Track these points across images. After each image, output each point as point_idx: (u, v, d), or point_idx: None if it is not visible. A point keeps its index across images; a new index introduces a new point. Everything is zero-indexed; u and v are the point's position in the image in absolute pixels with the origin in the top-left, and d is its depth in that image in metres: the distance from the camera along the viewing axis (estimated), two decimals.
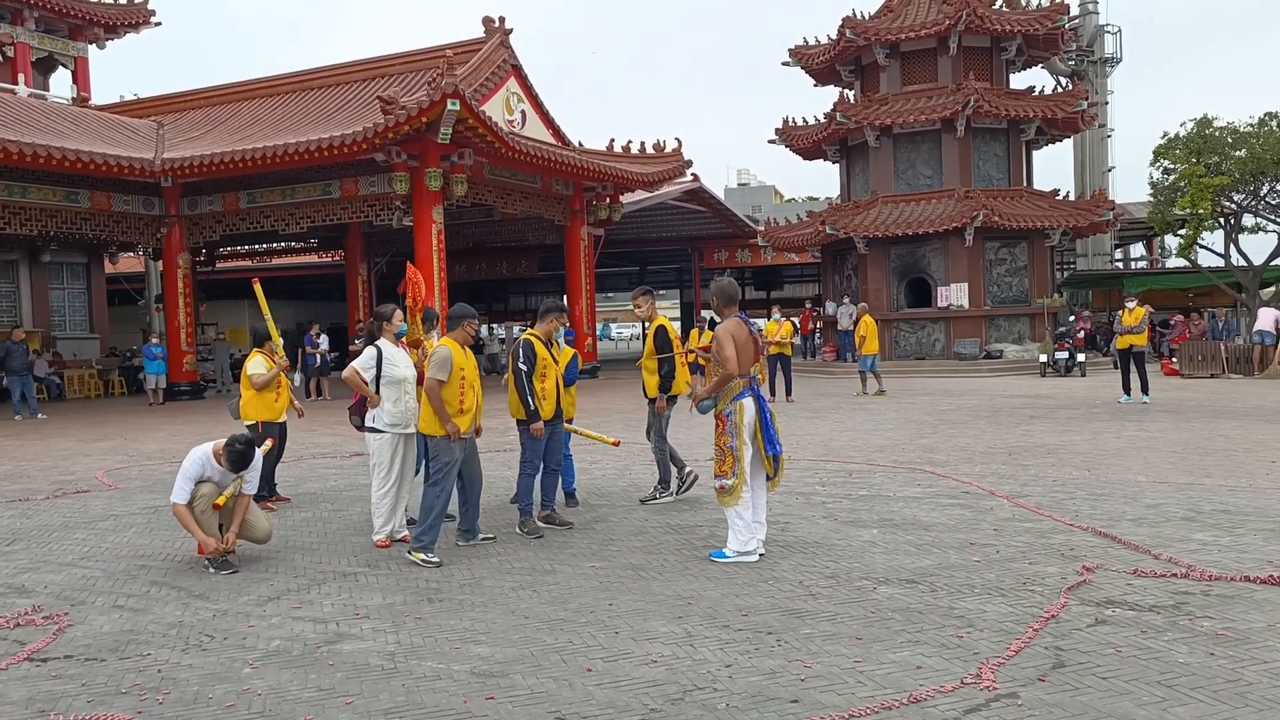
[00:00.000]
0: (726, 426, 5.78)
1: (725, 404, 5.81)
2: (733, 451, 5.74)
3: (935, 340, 24.67)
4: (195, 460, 6.04)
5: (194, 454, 6.09)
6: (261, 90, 24.69)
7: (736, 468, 5.72)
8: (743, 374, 5.80)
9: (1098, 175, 33.10)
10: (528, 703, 3.74)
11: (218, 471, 6.01)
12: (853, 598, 4.98)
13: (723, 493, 5.78)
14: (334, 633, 4.65)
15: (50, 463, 11.53)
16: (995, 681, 3.78)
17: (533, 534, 6.59)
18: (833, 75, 27.53)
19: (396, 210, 19.82)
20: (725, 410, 5.80)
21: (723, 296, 6.04)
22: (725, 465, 5.76)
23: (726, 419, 5.79)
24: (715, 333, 5.92)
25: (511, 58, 21.90)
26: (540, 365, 6.66)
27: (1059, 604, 4.72)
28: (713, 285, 6.13)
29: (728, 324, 5.87)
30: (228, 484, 6.05)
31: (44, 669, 4.26)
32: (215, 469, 6.01)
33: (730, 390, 5.80)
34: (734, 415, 5.76)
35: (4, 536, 7.21)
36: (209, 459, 6.02)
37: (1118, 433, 11.27)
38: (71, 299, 29.23)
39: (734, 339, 5.76)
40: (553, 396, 6.75)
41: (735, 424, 5.75)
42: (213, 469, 6.02)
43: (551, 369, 6.75)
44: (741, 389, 5.81)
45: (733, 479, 5.71)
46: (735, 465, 5.73)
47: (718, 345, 5.80)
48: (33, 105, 22.66)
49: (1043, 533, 6.27)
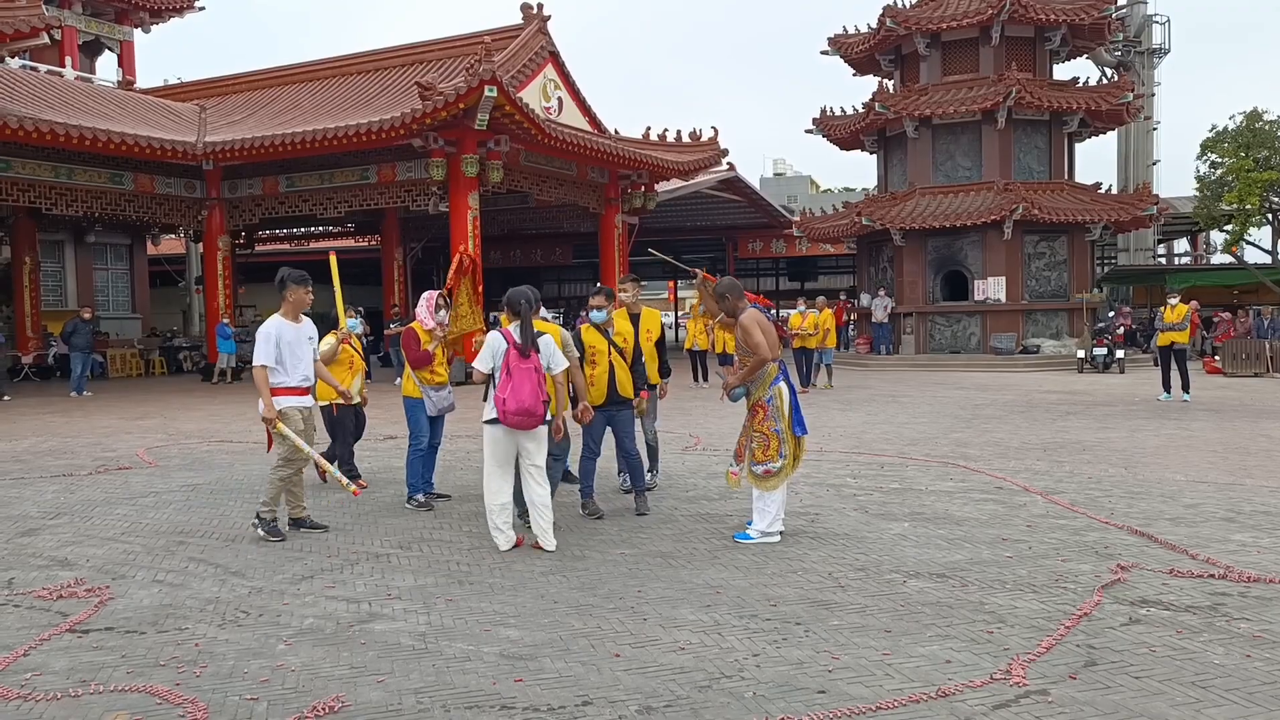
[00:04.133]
0: (769, 412, 5.91)
1: (764, 390, 5.92)
2: (778, 435, 5.88)
3: (971, 334, 24.41)
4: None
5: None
6: (301, 75, 24.91)
7: (783, 449, 5.86)
8: (775, 359, 5.92)
9: (1142, 168, 32.48)
10: (555, 685, 3.77)
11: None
12: (882, 590, 4.96)
13: (767, 477, 5.86)
14: (366, 612, 4.72)
15: (93, 439, 11.78)
16: (1025, 678, 3.75)
17: (593, 515, 6.74)
18: (872, 65, 27.24)
19: (433, 196, 19.95)
20: (765, 397, 5.91)
21: (735, 291, 6.13)
22: (771, 449, 5.87)
23: (768, 405, 5.91)
24: (740, 322, 5.98)
25: (549, 44, 21.90)
26: (589, 352, 6.74)
27: (1092, 602, 4.67)
28: (724, 283, 6.21)
29: (749, 314, 5.98)
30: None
31: (85, 640, 4.37)
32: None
33: (766, 376, 5.91)
34: (775, 400, 5.90)
35: (48, 510, 7.38)
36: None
37: (1156, 430, 11.09)
38: (115, 279, 29.78)
39: (760, 326, 5.89)
40: (602, 382, 6.75)
41: (777, 408, 5.89)
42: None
43: (603, 355, 6.78)
44: (776, 374, 5.94)
45: (780, 461, 5.86)
46: (781, 447, 5.86)
47: (745, 334, 5.89)
48: (79, 88, 23.04)
49: (1077, 530, 6.20)
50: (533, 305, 6.03)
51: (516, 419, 5.75)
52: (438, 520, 6.81)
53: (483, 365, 5.86)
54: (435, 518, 6.90)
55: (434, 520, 6.80)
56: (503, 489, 5.90)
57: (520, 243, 36.52)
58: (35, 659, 4.13)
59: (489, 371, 5.86)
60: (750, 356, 5.87)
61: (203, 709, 3.57)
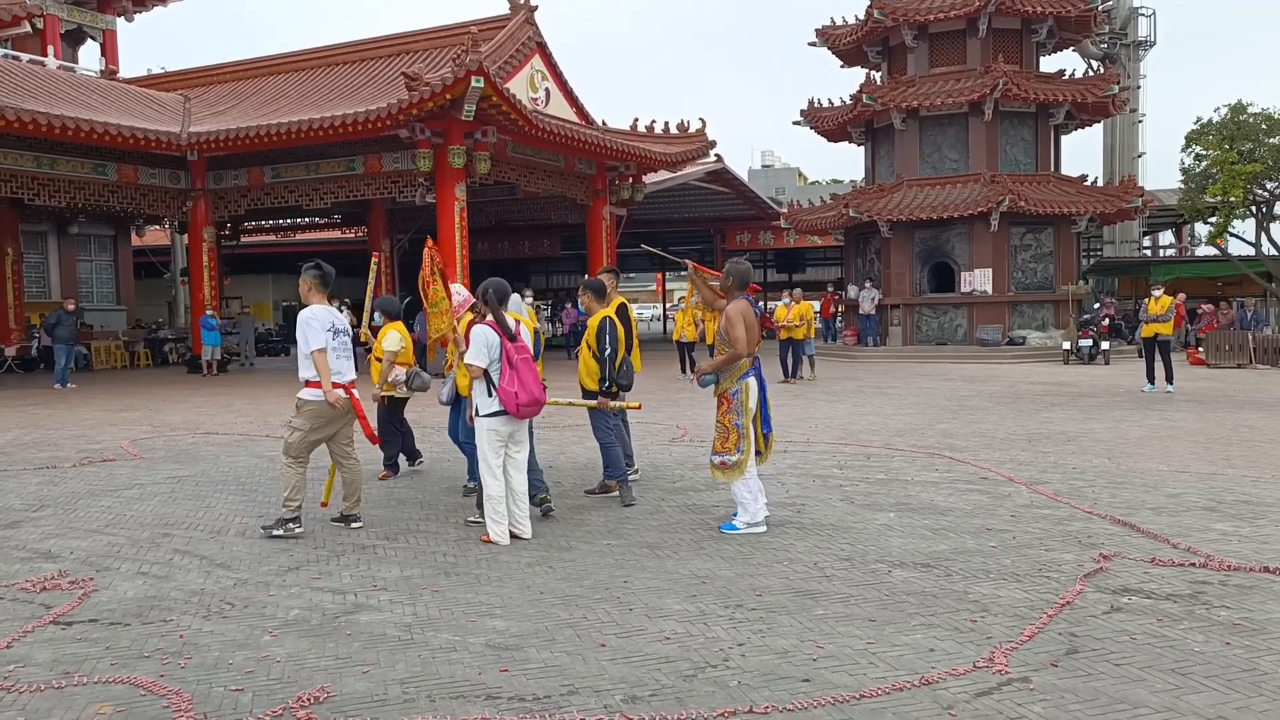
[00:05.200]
0: (732, 405, 5.95)
1: (732, 382, 5.97)
2: (738, 429, 5.92)
3: (958, 326, 24.51)
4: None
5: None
6: (286, 65, 24.75)
7: (742, 444, 5.89)
8: (751, 354, 5.96)
9: (1127, 161, 32.63)
10: (541, 675, 3.78)
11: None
12: (867, 580, 4.99)
13: (724, 469, 5.93)
14: (352, 603, 4.71)
15: (77, 431, 11.71)
16: (1008, 666, 3.78)
17: (628, 503, 6.85)
18: (860, 57, 27.25)
19: (420, 187, 19.87)
20: (731, 389, 5.96)
21: (739, 279, 6.11)
22: (730, 442, 5.91)
23: (732, 398, 5.95)
24: (726, 312, 6.01)
25: (536, 35, 21.82)
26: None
27: (1075, 591, 4.71)
28: (731, 265, 6.19)
29: (737, 304, 6.00)
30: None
31: (69, 632, 4.35)
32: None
33: (737, 369, 5.96)
34: (740, 394, 5.94)
35: (31, 503, 7.34)
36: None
37: (1140, 421, 11.17)
38: (99, 271, 29.57)
39: (744, 319, 5.91)
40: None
41: (741, 403, 5.93)
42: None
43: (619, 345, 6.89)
44: (747, 369, 5.97)
45: (737, 455, 5.89)
46: (740, 441, 5.89)
47: (728, 324, 5.93)
48: (62, 77, 22.83)
49: (1061, 520, 6.24)
50: (509, 294, 6.10)
51: (528, 409, 5.80)
52: (424, 512, 6.80)
53: (479, 360, 5.85)
54: (421, 509, 6.90)
55: (420, 512, 6.80)
56: (500, 482, 5.89)
57: (508, 234, 36.41)
58: (19, 651, 4.11)
59: (485, 366, 5.85)
60: (728, 347, 5.92)
61: (187, 700, 3.56)
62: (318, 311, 6.04)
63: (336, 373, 6.04)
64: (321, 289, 6.13)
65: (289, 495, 6.04)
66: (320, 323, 5.99)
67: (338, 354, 6.08)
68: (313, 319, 5.98)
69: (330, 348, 6.01)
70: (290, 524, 6.04)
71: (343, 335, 6.13)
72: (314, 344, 5.96)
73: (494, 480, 5.86)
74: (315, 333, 5.95)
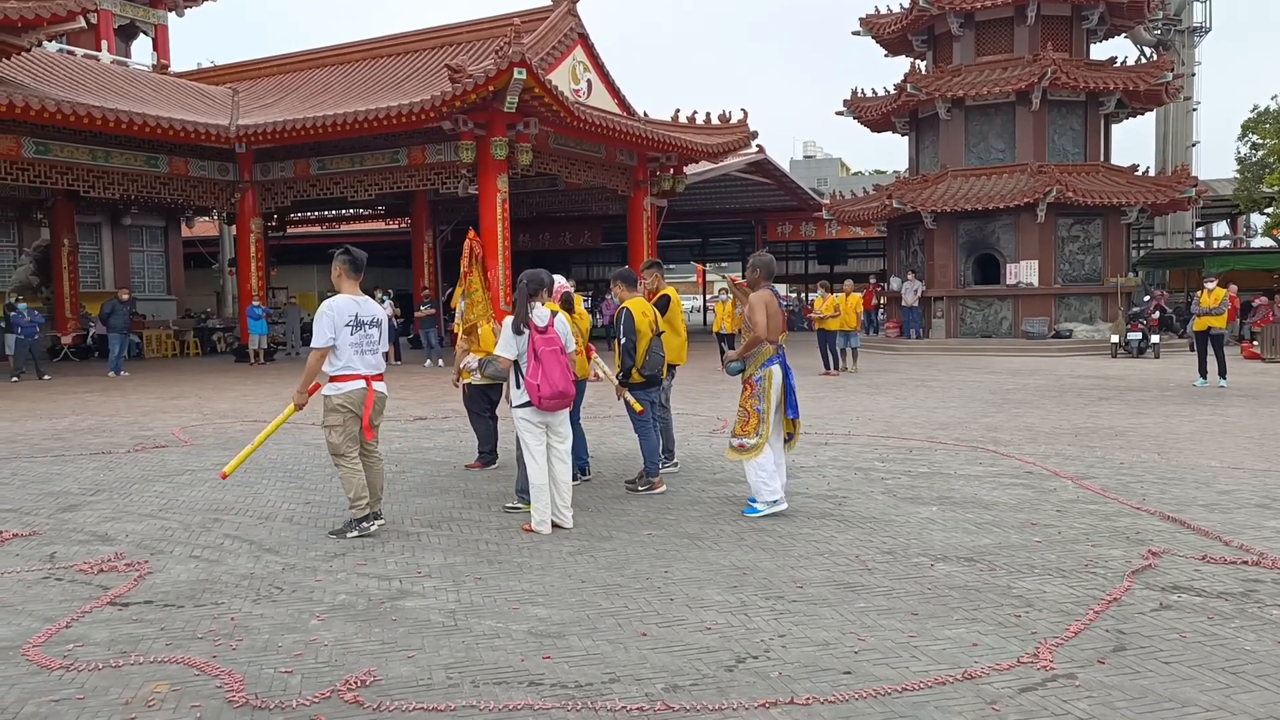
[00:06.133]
0: (755, 390, 6.17)
1: (755, 369, 6.20)
2: (759, 414, 6.13)
3: (1003, 318, 24.16)
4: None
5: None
6: (331, 58, 25.05)
7: (761, 428, 6.07)
8: (772, 340, 6.13)
9: (1181, 150, 31.86)
10: (583, 663, 3.82)
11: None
12: (909, 574, 4.96)
13: (742, 450, 6.14)
14: (397, 589, 4.79)
15: (131, 418, 12.00)
16: (1053, 662, 3.74)
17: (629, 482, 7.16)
18: (904, 45, 26.91)
19: (462, 178, 20.02)
20: (755, 375, 6.18)
21: (765, 270, 6.33)
22: (750, 425, 6.12)
23: (755, 384, 6.18)
24: (750, 300, 6.24)
25: (578, 26, 21.84)
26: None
27: (1122, 587, 4.64)
28: (756, 258, 6.43)
29: (762, 293, 6.19)
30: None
31: (125, 613, 4.48)
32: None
33: (760, 356, 6.17)
34: (763, 381, 6.15)
35: (88, 487, 7.55)
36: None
37: (1191, 416, 10.94)
38: (150, 261, 30.22)
39: (767, 307, 6.11)
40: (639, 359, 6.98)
41: (764, 389, 6.14)
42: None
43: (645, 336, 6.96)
44: (770, 355, 6.15)
45: (755, 439, 6.10)
46: (760, 426, 6.08)
47: (751, 311, 6.16)
48: (115, 72, 23.32)
49: (1108, 515, 6.15)
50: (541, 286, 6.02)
51: (552, 402, 5.81)
52: (467, 500, 6.88)
53: (508, 352, 5.89)
54: (464, 497, 6.98)
55: (463, 500, 6.88)
56: (543, 470, 5.93)
57: (549, 225, 36.57)
58: (78, 630, 4.24)
59: (514, 358, 5.89)
60: (750, 333, 6.13)
61: (239, 681, 3.65)
62: (339, 303, 5.76)
63: (349, 367, 5.73)
64: (352, 275, 5.86)
65: (353, 496, 5.80)
66: (338, 316, 5.70)
67: (360, 348, 5.77)
68: (329, 311, 5.72)
69: (350, 342, 5.72)
70: (364, 523, 5.81)
71: (370, 327, 5.84)
72: (315, 341, 5.71)
73: (537, 469, 5.91)
74: (323, 329, 5.68)
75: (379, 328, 5.95)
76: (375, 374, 5.91)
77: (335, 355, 5.75)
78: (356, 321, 5.79)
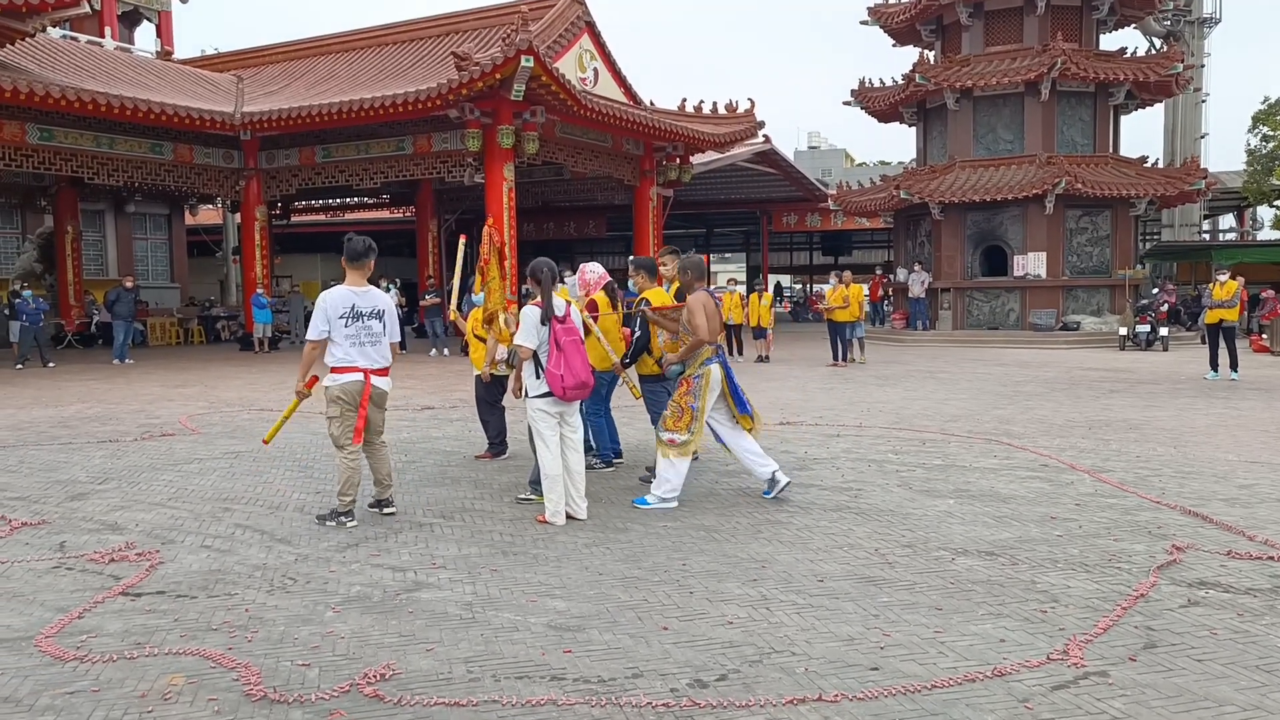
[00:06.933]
0: (691, 387, 6.29)
1: (695, 368, 6.31)
2: (693, 411, 6.18)
3: (1010, 310, 24.07)
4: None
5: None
6: (337, 45, 24.93)
7: (693, 425, 6.17)
8: (711, 341, 6.25)
9: (1189, 142, 31.70)
10: (604, 657, 3.75)
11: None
12: (930, 568, 4.89)
13: (672, 445, 6.19)
14: (412, 581, 4.73)
15: (137, 406, 11.94)
16: (1083, 659, 3.68)
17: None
18: (912, 35, 26.76)
19: (468, 167, 19.94)
20: (694, 374, 6.30)
21: (695, 271, 6.47)
22: (682, 422, 6.21)
23: (693, 381, 6.29)
24: (688, 303, 6.36)
25: (585, 14, 21.72)
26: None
27: (1148, 583, 4.57)
28: (685, 260, 6.53)
29: (699, 295, 6.30)
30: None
31: (138, 604, 4.41)
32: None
33: (699, 356, 6.24)
34: (700, 379, 6.22)
35: (96, 475, 7.49)
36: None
37: (1205, 410, 10.86)
38: (154, 249, 30.18)
39: (705, 309, 6.21)
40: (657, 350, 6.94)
41: (700, 387, 6.20)
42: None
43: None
44: (709, 355, 6.26)
45: (685, 435, 6.15)
46: (692, 423, 6.16)
47: (689, 314, 6.29)
48: (119, 58, 23.21)
49: (1127, 509, 6.08)
50: (555, 275, 6.02)
51: (575, 392, 5.76)
52: (479, 490, 6.82)
53: (529, 341, 5.82)
54: (475, 488, 6.91)
55: (475, 491, 6.82)
56: (557, 460, 5.87)
57: (553, 215, 36.44)
58: (91, 621, 4.18)
59: (534, 348, 5.83)
60: (690, 336, 6.24)
61: (256, 674, 3.59)
62: (334, 294, 5.70)
63: (347, 359, 5.69)
64: (352, 264, 5.79)
65: (341, 489, 5.80)
66: (331, 308, 5.64)
67: (358, 340, 5.70)
68: (322, 303, 5.68)
69: (346, 334, 5.65)
70: (342, 517, 5.80)
71: (370, 319, 5.73)
72: (309, 333, 5.70)
73: (551, 459, 5.85)
74: (315, 322, 5.65)
75: (382, 319, 5.84)
76: (376, 367, 5.82)
77: (332, 347, 5.72)
78: (354, 313, 5.71)
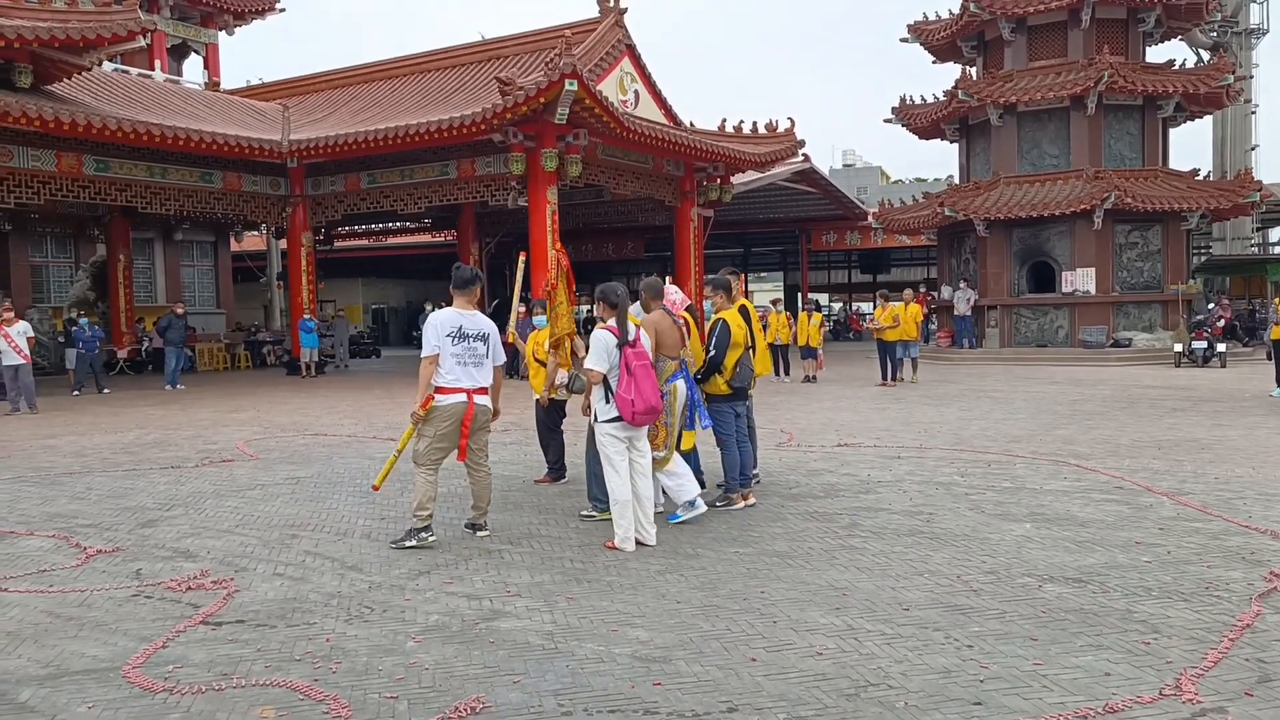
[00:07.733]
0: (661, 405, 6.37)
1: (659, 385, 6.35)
2: (666, 427, 6.31)
3: (1059, 327, 23.68)
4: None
5: None
6: (380, 73, 25.28)
7: (669, 439, 6.34)
8: (672, 357, 6.40)
9: (1239, 154, 31.15)
10: (696, 690, 3.66)
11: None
12: (1017, 595, 4.74)
13: (655, 463, 6.28)
14: (489, 609, 4.67)
15: (193, 432, 12.07)
16: (1197, 694, 3.53)
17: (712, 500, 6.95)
18: (953, 52, 26.59)
19: (512, 190, 20.05)
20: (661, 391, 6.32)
21: (652, 292, 6.65)
22: (659, 440, 6.27)
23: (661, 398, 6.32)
24: (641, 323, 6.35)
25: (625, 37, 21.83)
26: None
27: (1252, 613, 4.39)
28: (644, 284, 6.71)
29: (653, 315, 6.46)
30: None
31: (220, 633, 4.40)
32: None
33: (663, 373, 6.31)
34: (668, 396, 6.29)
35: (163, 501, 7.54)
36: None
37: (1277, 428, 10.55)
38: (200, 275, 30.68)
39: (656, 328, 6.34)
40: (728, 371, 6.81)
41: (668, 404, 6.29)
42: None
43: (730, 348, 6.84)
44: (673, 371, 6.39)
45: (664, 451, 6.31)
46: (668, 439, 6.33)
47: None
48: (169, 90, 23.72)
49: (1215, 534, 5.88)
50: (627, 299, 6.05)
51: (644, 417, 5.73)
52: (543, 516, 6.77)
53: (599, 365, 5.78)
54: (539, 513, 6.86)
55: (539, 516, 6.76)
56: (626, 485, 5.81)
57: (592, 237, 36.59)
58: (175, 651, 4.17)
59: (605, 372, 5.78)
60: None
61: (345, 706, 3.55)
62: (442, 315, 5.87)
63: (453, 378, 5.85)
64: (457, 291, 5.99)
65: (417, 505, 5.86)
66: (440, 326, 5.79)
67: (463, 359, 5.84)
68: (432, 321, 5.85)
69: (452, 353, 5.80)
70: (422, 533, 5.86)
71: (475, 340, 5.89)
72: (424, 350, 5.86)
73: (621, 484, 5.78)
74: (428, 338, 5.82)
75: (486, 341, 6.00)
76: (478, 387, 5.97)
77: (440, 366, 5.82)
78: (460, 333, 5.87)
